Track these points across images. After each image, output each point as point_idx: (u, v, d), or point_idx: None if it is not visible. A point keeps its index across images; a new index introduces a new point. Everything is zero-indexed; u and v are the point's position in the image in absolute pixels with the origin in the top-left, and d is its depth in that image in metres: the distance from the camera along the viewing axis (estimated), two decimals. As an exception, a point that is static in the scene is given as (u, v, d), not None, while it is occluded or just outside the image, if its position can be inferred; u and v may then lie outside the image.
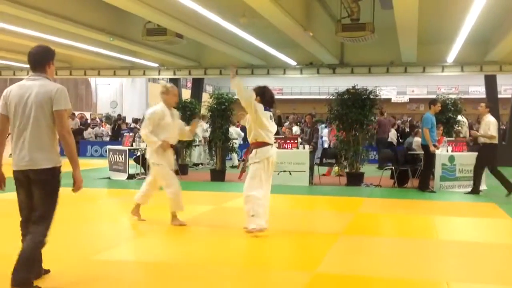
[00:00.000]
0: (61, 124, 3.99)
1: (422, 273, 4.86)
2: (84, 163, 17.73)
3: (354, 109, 11.62)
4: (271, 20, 12.28)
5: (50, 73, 4.14)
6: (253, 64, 19.32)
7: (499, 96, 20.81)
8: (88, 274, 4.68)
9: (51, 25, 13.09)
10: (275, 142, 11.35)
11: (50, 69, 4.15)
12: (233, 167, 15.60)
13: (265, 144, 6.24)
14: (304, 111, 23.80)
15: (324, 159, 12.88)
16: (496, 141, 10.30)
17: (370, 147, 12.84)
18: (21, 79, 4.22)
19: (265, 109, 6.29)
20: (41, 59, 4.12)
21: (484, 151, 10.34)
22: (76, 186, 4.14)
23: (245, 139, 17.73)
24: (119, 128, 22.25)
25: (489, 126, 10.16)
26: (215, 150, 12.82)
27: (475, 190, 10.43)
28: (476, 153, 10.71)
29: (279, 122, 12.93)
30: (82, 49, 16.89)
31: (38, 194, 3.99)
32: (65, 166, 4.20)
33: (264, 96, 6.38)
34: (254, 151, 6.26)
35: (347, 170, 12.04)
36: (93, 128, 24.10)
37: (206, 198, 10.07)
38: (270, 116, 6.34)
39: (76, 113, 26.99)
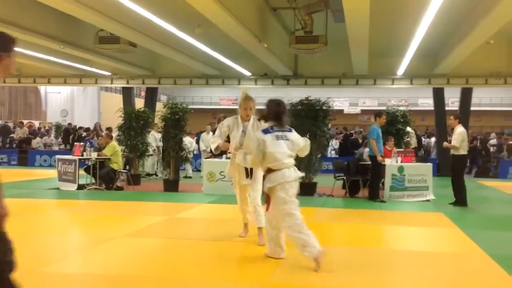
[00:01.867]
0: None
1: (373, 282, 4.93)
2: (33, 173, 17.29)
3: (308, 120, 11.75)
4: (226, 31, 12.32)
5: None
6: (207, 74, 19.31)
7: (447, 108, 21.50)
8: (36, 287, 4.54)
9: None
10: (228, 153, 11.33)
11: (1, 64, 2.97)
12: (186, 177, 15.49)
13: (272, 170, 5.45)
14: (259, 122, 23.92)
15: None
16: (465, 152, 10.38)
17: (323, 158, 12.99)
18: None
19: (271, 131, 5.41)
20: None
21: (456, 162, 10.42)
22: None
23: (198, 149, 17.67)
24: (79, 137, 21.65)
25: (463, 136, 10.23)
26: (168, 160, 12.69)
27: (462, 202, 10.33)
28: (425, 164, 10.99)
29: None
30: (32, 57, 16.49)
31: None
32: (11, 176, 4.07)
33: (269, 116, 5.53)
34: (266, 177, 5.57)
35: (300, 180, 12.12)
36: (41, 138, 23.47)
37: (159, 209, 9.95)
38: (277, 136, 5.40)
39: (25, 121, 26.26)
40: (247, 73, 18.83)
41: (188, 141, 16.10)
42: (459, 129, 10.32)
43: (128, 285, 4.69)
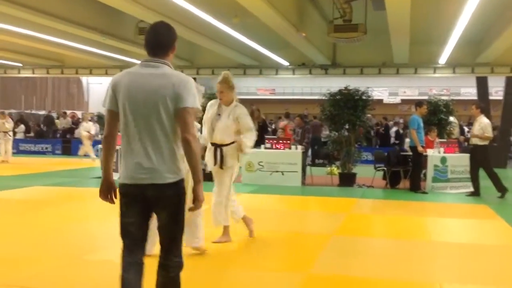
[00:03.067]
0: (187, 126, 2.98)
1: (414, 274, 4.86)
2: (76, 162, 17.70)
3: (346, 109, 11.63)
4: (264, 20, 12.27)
5: (171, 60, 3.14)
6: (245, 64, 19.30)
7: (490, 97, 20.92)
8: (81, 274, 4.66)
9: (44, 23, 13.01)
10: (267, 142, 11.31)
11: (173, 54, 3.15)
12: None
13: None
14: (296, 112, 23.80)
15: (316, 160, 12.88)
16: (487, 142, 10.33)
17: (363, 148, 12.86)
18: (12, 78, 3.59)
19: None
20: (165, 40, 3.09)
21: (475, 153, 10.37)
22: (198, 204, 3.08)
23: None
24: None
25: (486, 127, 10.17)
26: (205, 149, 12.74)
27: (476, 192, 10.41)
28: (468, 154, 10.75)
29: (264, 125, 12.83)
30: (74, 48, 16.80)
31: (166, 214, 3.04)
32: (55, 165, 4.15)
33: None
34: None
35: (339, 170, 12.06)
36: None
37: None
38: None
39: (68, 112, 26.88)
40: (285, 62, 18.74)
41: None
42: (482, 119, 10.20)
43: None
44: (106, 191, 3.08)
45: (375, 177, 11.77)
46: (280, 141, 11.90)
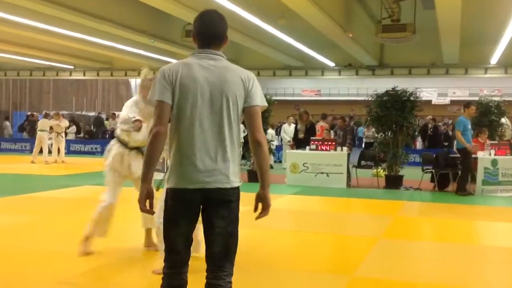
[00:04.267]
0: (258, 126, 2.77)
1: (462, 279, 4.74)
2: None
3: (394, 111, 11.45)
4: (310, 21, 12.24)
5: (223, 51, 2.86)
6: (291, 66, 19.29)
7: (545, 98, 20.18)
8: (130, 272, 4.74)
9: (94, 26, 13.37)
10: (312, 144, 11.22)
11: (225, 46, 2.88)
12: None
13: None
14: (342, 113, 23.64)
15: (362, 161, 12.73)
16: None
17: (410, 150, 12.62)
18: (64, 80, 3.14)
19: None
20: (221, 30, 2.83)
21: None
22: (268, 210, 2.92)
23: (280, 140, 17.72)
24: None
25: None
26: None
27: None
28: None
29: (311, 128, 12.75)
30: (124, 51, 17.19)
31: (225, 222, 2.78)
32: (94, 166, 4.24)
33: None
34: None
35: (385, 172, 11.88)
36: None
37: (243, 199, 10.06)
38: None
39: (117, 113, 27.49)
40: (331, 63, 18.62)
41: (270, 133, 16.21)
42: None
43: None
44: (146, 199, 2.69)
45: (422, 180, 11.54)
46: (325, 143, 11.82)
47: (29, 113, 26.91)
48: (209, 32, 2.77)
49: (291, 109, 32.80)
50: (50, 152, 16.55)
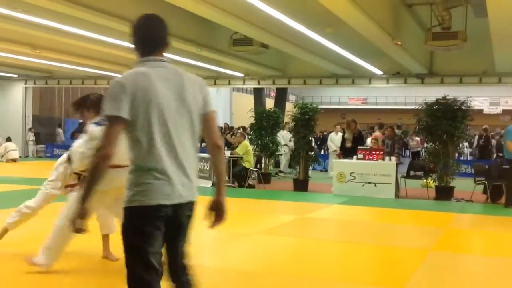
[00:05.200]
0: (217, 131, 2.73)
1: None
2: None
3: (445, 120, 11.17)
4: (358, 29, 12.09)
5: None
6: (337, 74, 19.12)
7: None
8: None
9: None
10: (359, 153, 11.05)
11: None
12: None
13: None
14: (389, 122, 23.25)
15: (411, 172, 12.46)
16: None
17: (461, 160, 12.26)
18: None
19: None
20: (166, 35, 2.72)
21: None
22: (224, 217, 2.84)
23: (327, 149, 17.57)
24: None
25: None
26: (298, 159, 12.77)
27: None
28: None
29: (359, 137, 12.59)
30: (171, 60, 17.46)
31: (187, 235, 2.78)
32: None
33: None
34: None
35: (435, 183, 11.59)
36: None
37: (289, 208, 10.03)
38: None
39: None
40: (378, 71, 18.35)
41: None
42: None
43: (259, 280, 4.77)
44: (84, 219, 2.47)
45: (474, 191, 11.19)
46: (373, 152, 11.64)
47: (81, 120, 27.65)
48: (157, 37, 2.65)
49: (337, 118, 32.56)
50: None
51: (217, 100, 37.08)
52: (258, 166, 14.05)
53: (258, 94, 22.62)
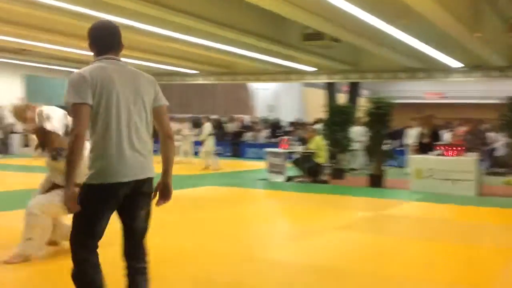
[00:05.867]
0: (169, 123, 3.19)
1: None
2: (244, 164, 18.53)
3: (530, 115, 10.63)
4: (435, 22, 11.71)
5: None
6: (412, 67, 18.61)
7: None
8: (251, 274, 4.82)
9: (215, 32, 13.80)
10: (437, 149, 10.63)
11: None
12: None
13: None
14: (468, 117, 22.36)
15: (493, 168, 11.94)
16: None
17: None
18: (188, 85, 3.16)
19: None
20: (120, 39, 3.11)
21: None
22: (169, 196, 3.19)
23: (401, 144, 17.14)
24: (285, 131, 22.74)
25: None
26: (373, 155, 12.54)
27: None
28: None
29: (436, 132, 12.19)
30: (243, 55, 17.60)
31: (146, 211, 3.11)
32: (226, 166, 4.31)
33: None
34: None
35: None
36: (252, 131, 25.01)
37: (365, 204, 9.88)
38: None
39: (236, 116, 28.28)
40: (457, 65, 17.69)
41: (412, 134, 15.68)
42: None
43: (333, 276, 4.72)
44: (74, 199, 2.83)
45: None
46: (452, 148, 11.23)
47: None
48: (113, 41, 3.04)
49: (412, 113, 31.63)
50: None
51: (288, 95, 37.07)
52: (331, 161, 13.92)
53: (330, 89, 22.40)
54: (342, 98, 22.82)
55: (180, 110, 28.14)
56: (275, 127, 25.27)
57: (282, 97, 37.09)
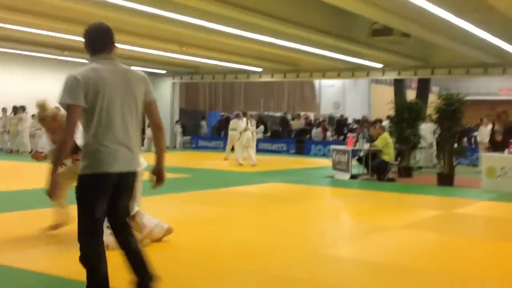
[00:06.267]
0: (159, 115, 3.52)
1: None
2: (309, 161, 18.48)
3: None
4: (509, 15, 11.22)
5: None
6: (486, 63, 17.89)
7: None
8: (320, 268, 4.80)
9: (281, 30, 13.80)
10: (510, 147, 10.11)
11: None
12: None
13: None
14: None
15: None
16: None
17: None
18: (253, 82, 3.27)
19: None
20: (109, 39, 3.36)
21: None
22: (162, 180, 3.49)
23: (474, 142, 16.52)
24: (351, 129, 22.50)
25: None
26: (443, 153, 12.18)
27: None
28: None
29: (510, 129, 11.64)
30: (308, 52, 17.52)
31: (128, 195, 3.48)
32: (290, 163, 4.30)
33: None
34: None
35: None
36: (317, 128, 24.87)
37: (433, 203, 9.62)
38: None
39: (302, 113, 28.20)
40: (535, 59, 16.86)
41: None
42: None
43: (400, 274, 4.63)
44: (56, 187, 3.22)
45: None
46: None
47: (222, 113, 28.90)
48: (108, 41, 3.31)
49: (486, 109, 30.47)
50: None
51: (355, 92, 36.59)
52: (399, 159, 13.64)
53: (399, 85, 21.92)
54: (411, 95, 22.27)
55: (244, 107, 28.44)
56: (340, 124, 25.02)
57: (348, 94, 36.68)
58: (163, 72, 24.35)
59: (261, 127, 24.64)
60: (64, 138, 3.17)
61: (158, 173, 3.45)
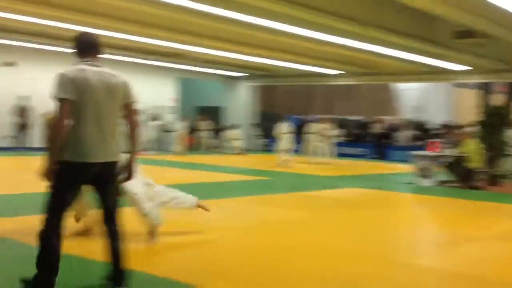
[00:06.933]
0: (136, 115, 3.91)
1: None
2: (389, 166, 18.14)
3: None
4: None
5: None
6: None
7: None
8: (405, 280, 4.74)
9: (360, 32, 13.62)
10: None
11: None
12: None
13: None
14: None
15: None
16: None
17: None
18: (331, 85, 3.40)
19: None
20: (96, 45, 3.83)
21: None
22: (131, 174, 3.87)
23: None
24: (433, 134, 21.91)
25: None
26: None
27: None
28: None
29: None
30: (387, 55, 17.21)
31: (111, 188, 3.84)
32: (369, 168, 4.27)
33: None
34: None
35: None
36: (399, 133, 24.38)
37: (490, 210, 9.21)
38: None
39: (383, 117, 27.71)
40: None
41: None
42: None
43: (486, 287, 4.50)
44: (50, 175, 3.59)
45: None
46: None
47: (302, 117, 28.94)
48: (96, 46, 3.78)
49: None
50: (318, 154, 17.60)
51: (436, 96, 35.44)
52: (487, 166, 13.07)
53: (484, 89, 21.04)
54: (498, 99, 21.30)
55: (322, 111, 28.40)
56: (420, 129, 24.37)
57: (429, 97, 35.56)
58: (241, 75, 24.69)
59: (341, 131, 24.45)
60: (57, 128, 3.55)
61: (127, 167, 3.84)
